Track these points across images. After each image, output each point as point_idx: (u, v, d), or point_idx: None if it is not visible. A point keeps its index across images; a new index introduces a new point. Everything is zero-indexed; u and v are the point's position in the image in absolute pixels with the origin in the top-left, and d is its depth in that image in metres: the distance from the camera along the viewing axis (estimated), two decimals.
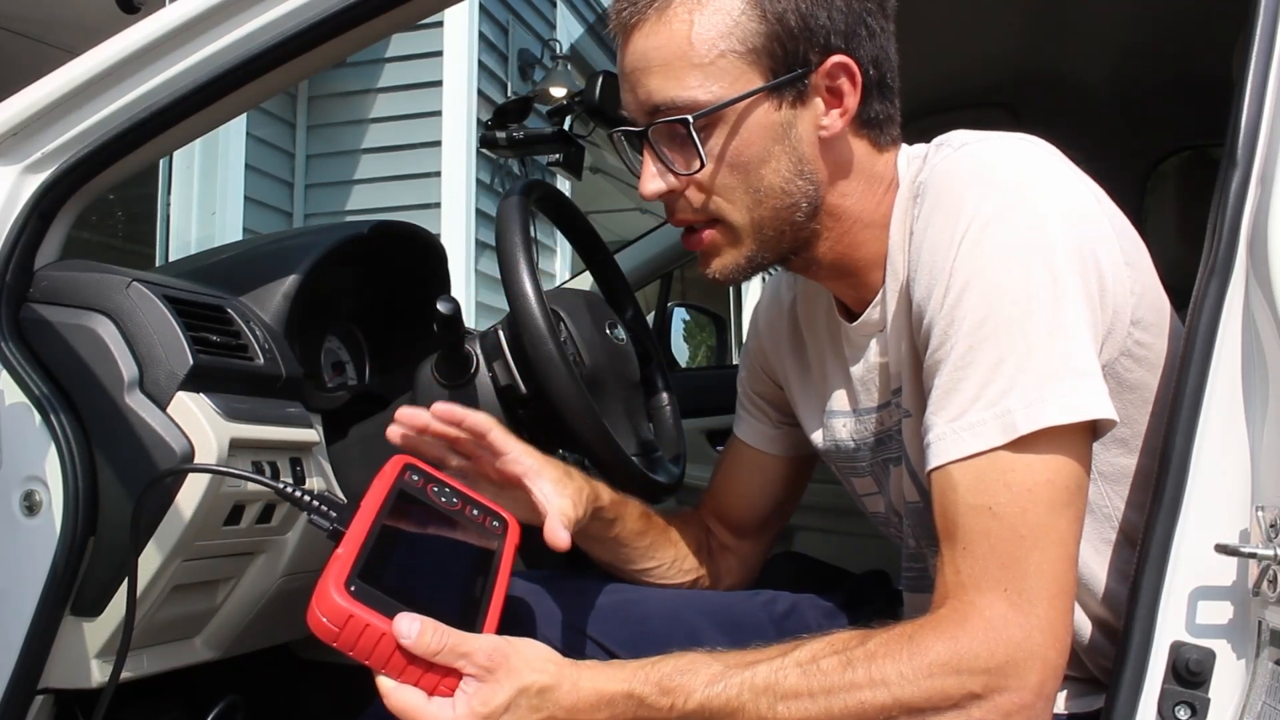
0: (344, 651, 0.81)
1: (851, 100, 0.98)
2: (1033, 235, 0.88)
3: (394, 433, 1.06)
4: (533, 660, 0.86)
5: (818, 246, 1.04)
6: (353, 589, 0.81)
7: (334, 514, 0.93)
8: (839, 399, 1.15)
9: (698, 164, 0.98)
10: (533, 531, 1.76)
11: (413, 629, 0.81)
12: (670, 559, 1.23)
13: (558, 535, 0.98)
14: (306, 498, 0.94)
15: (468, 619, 0.87)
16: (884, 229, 1.03)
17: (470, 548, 0.98)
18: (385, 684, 0.82)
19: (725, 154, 0.98)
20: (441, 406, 1.05)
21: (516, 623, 1.11)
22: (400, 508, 0.94)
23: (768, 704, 0.84)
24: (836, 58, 0.97)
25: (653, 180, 1.01)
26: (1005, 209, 0.89)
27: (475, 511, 1.01)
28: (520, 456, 1.05)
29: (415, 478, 0.99)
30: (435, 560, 0.95)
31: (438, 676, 0.83)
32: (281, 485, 0.97)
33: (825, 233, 1.03)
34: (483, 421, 1.05)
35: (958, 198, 0.92)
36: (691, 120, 0.96)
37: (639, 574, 1.22)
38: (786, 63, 0.96)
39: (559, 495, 1.03)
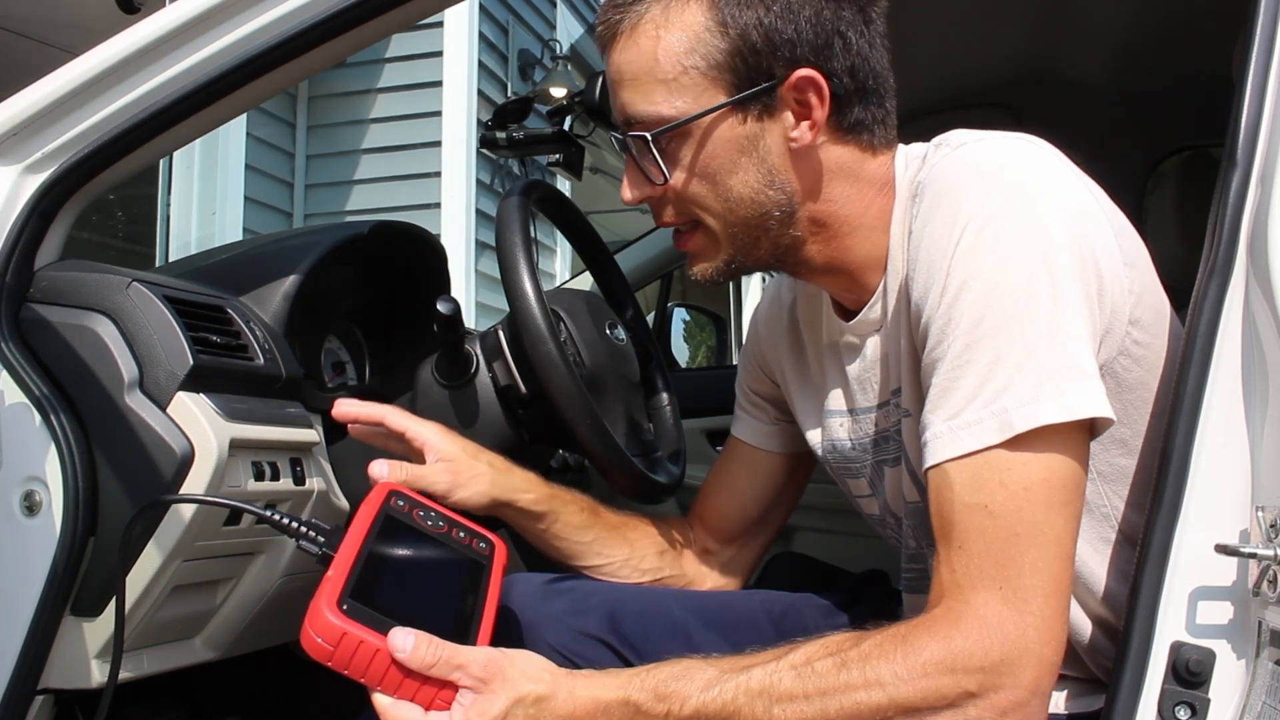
0: (339, 670, 0.81)
1: (819, 113, 0.99)
2: (1031, 234, 0.88)
3: (336, 413, 1.17)
4: (528, 670, 0.86)
5: (804, 251, 1.05)
6: (345, 608, 0.82)
7: (322, 539, 0.94)
8: (836, 399, 1.15)
9: (661, 177, 1.01)
10: None
11: (407, 642, 0.81)
12: (622, 557, 1.23)
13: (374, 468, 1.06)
14: (294, 524, 0.95)
15: (460, 635, 0.88)
16: (878, 230, 1.04)
17: (459, 568, 0.99)
18: (381, 701, 0.83)
19: (694, 165, 1.01)
20: (338, 408, 1.15)
21: (517, 625, 1.11)
22: (387, 531, 0.95)
23: (763, 707, 0.84)
24: (803, 71, 0.97)
25: (629, 187, 1.06)
26: (1004, 208, 0.89)
27: (461, 534, 1.02)
28: (419, 431, 1.13)
29: (400, 503, 1.00)
30: (425, 580, 0.96)
31: (433, 690, 0.83)
32: (269, 512, 0.98)
33: (810, 239, 1.04)
34: (375, 412, 1.14)
35: (957, 197, 0.92)
36: (650, 137, 0.99)
37: (588, 570, 1.22)
38: (750, 78, 0.97)
39: (437, 437, 1.13)
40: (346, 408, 1.15)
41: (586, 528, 1.21)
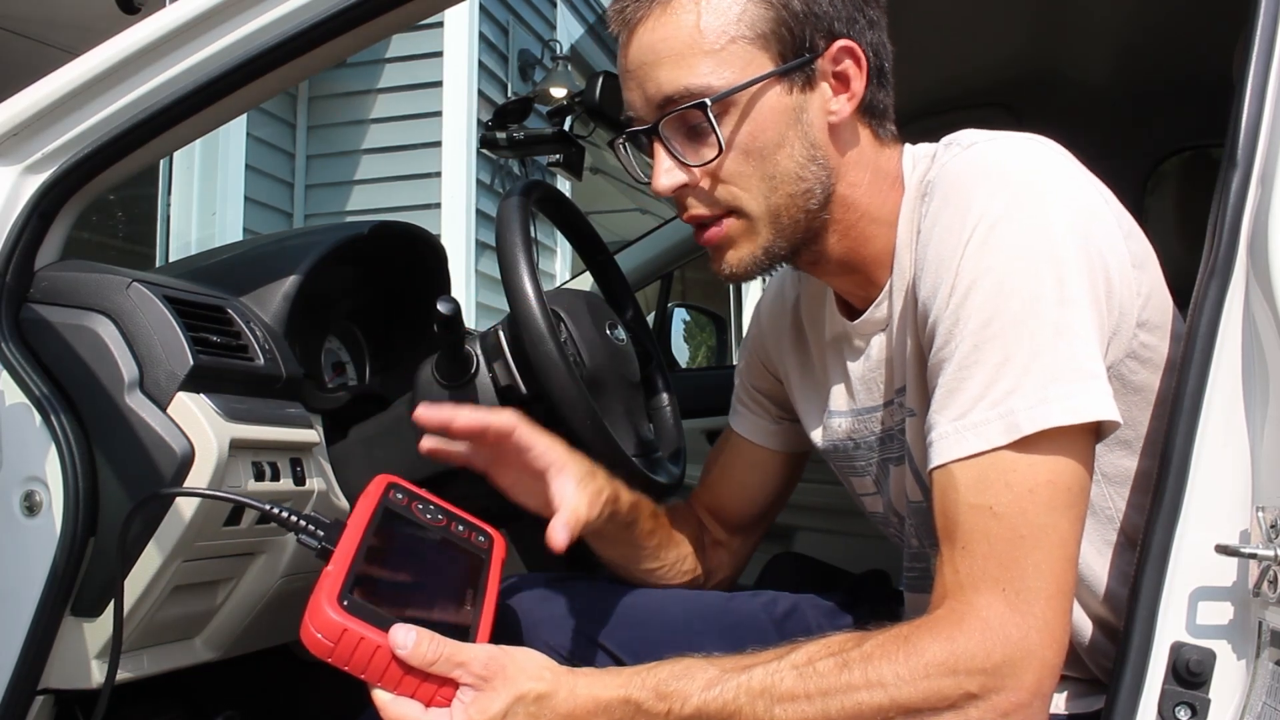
0: (339, 666, 0.81)
1: (858, 84, 0.99)
2: (1040, 236, 0.88)
3: (419, 416, 1.04)
4: (529, 668, 0.86)
5: (827, 239, 1.04)
6: (345, 603, 0.81)
7: (321, 533, 0.93)
8: (839, 398, 1.15)
9: (715, 151, 0.98)
10: (534, 534, 1.75)
11: (409, 639, 0.81)
12: (673, 559, 1.23)
13: (556, 535, 0.97)
14: (294, 518, 0.95)
15: (460, 631, 0.88)
16: (890, 226, 1.03)
17: (458, 562, 0.98)
18: (381, 697, 0.83)
19: (740, 140, 0.98)
20: (464, 422, 1.02)
21: (517, 626, 1.11)
22: (387, 525, 0.94)
23: (764, 707, 0.84)
24: (842, 42, 0.98)
25: (668, 174, 1.00)
26: (1014, 209, 0.89)
27: (461, 527, 1.02)
28: (544, 452, 1.04)
29: (400, 496, 0.99)
30: (425, 574, 0.95)
31: (434, 687, 0.83)
32: (269, 506, 0.97)
33: (834, 224, 1.03)
34: (505, 424, 1.03)
35: (966, 196, 0.92)
36: (710, 103, 0.96)
37: (643, 574, 1.22)
38: (794, 47, 0.97)
39: (576, 494, 1.02)
40: (470, 422, 1.02)
41: (654, 531, 1.20)
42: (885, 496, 1.14)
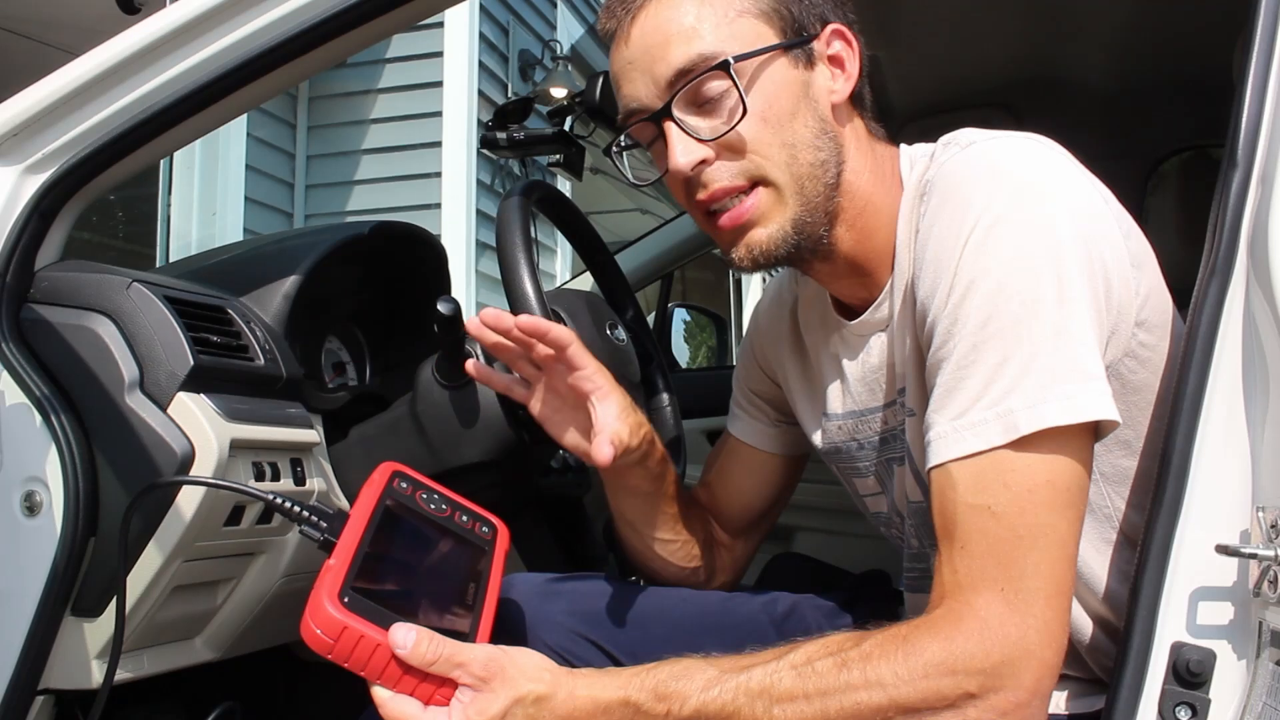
0: (338, 663, 0.81)
1: (853, 65, 1.03)
2: (1039, 235, 0.88)
3: (474, 326, 1.05)
4: (528, 669, 0.86)
5: (837, 229, 1.04)
6: (346, 600, 0.81)
7: (324, 524, 0.93)
8: (839, 400, 1.14)
9: (740, 111, 0.97)
10: (535, 532, 1.76)
11: (408, 639, 0.81)
12: (685, 538, 1.23)
13: (600, 449, 1.00)
14: (297, 509, 0.94)
15: (460, 626, 0.87)
16: (890, 225, 1.03)
17: (461, 554, 0.98)
18: (380, 694, 0.83)
19: (757, 107, 0.99)
20: (526, 320, 1.04)
21: (516, 625, 1.11)
22: (390, 516, 0.94)
23: (763, 707, 0.84)
24: (835, 25, 1.02)
25: (686, 151, 0.99)
26: (1013, 208, 0.89)
27: (464, 517, 1.01)
28: (593, 374, 1.05)
29: (404, 485, 0.99)
30: (427, 568, 0.95)
31: (433, 686, 0.83)
32: (271, 497, 0.97)
33: (843, 213, 1.04)
34: (564, 336, 1.04)
35: (965, 196, 0.92)
36: (733, 61, 0.97)
37: (657, 544, 1.21)
38: (795, 27, 1.00)
39: (619, 420, 1.04)
40: (533, 323, 1.02)
41: (674, 498, 1.20)
42: (890, 496, 1.14)
